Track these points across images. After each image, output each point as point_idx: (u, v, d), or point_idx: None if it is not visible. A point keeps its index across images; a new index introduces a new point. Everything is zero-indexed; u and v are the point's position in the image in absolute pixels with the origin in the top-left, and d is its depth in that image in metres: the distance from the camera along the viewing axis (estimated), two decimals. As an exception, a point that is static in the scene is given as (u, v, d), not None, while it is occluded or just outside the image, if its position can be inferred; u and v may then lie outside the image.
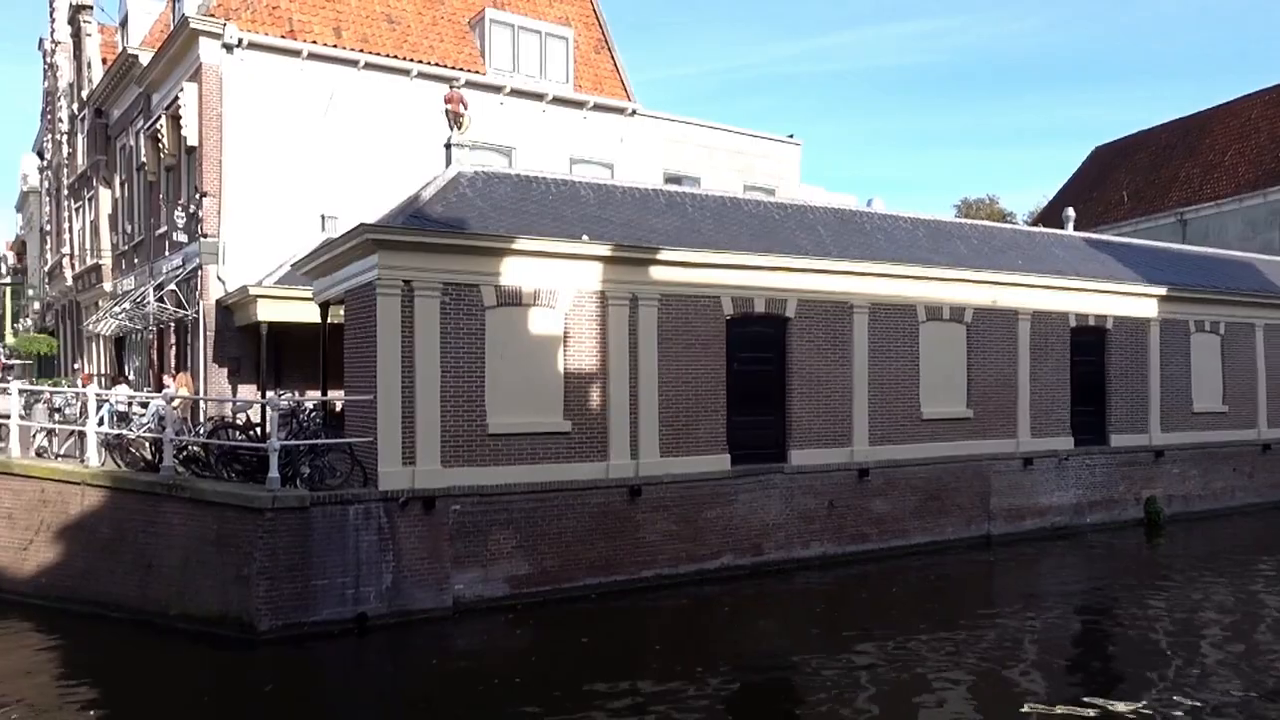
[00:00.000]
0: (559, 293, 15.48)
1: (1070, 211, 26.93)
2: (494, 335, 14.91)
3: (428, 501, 14.04)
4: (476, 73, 24.94)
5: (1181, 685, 11.27)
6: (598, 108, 26.82)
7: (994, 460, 20.07)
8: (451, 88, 18.53)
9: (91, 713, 10.47)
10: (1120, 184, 41.34)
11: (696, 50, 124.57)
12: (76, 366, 32.82)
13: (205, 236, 21.54)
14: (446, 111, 16.87)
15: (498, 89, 25.09)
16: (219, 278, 21.57)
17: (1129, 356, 22.36)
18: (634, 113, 27.58)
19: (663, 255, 16.22)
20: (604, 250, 15.69)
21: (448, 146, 16.87)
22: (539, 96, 25.78)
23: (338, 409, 16.57)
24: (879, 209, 22.38)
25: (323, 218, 21.93)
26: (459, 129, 16.92)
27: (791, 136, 31.60)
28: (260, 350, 20.66)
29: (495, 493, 14.60)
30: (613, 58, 28.31)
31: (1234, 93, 55.82)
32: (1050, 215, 39.33)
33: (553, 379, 15.45)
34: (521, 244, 15.03)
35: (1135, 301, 22.42)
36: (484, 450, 14.71)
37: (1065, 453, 21.13)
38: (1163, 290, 22.68)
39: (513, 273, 15.06)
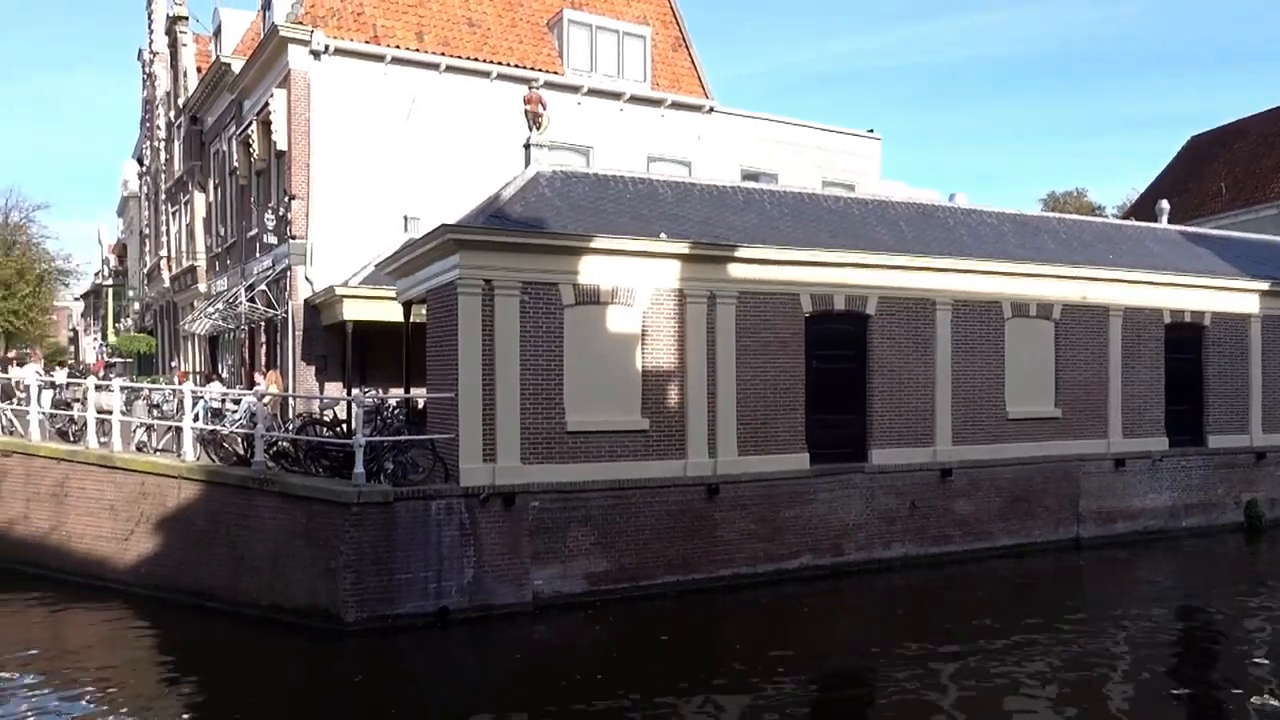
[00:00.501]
0: (637, 291, 15.52)
1: (1164, 204, 25.96)
2: (572, 333, 15.01)
3: (508, 498, 14.21)
4: (555, 73, 25.14)
5: (1287, 698, 10.78)
6: (675, 106, 26.81)
7: (1083, 461, 19.47)
8: (530, 88, 18.74)
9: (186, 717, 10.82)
10: (1218, 175, 39.67)
11: (774, 45, 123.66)
12: (173, 364, 34.09)
13: (294, 238, 22.16)
14: (525, 112, 17.05)
15: (575, 89, 25.25)
16: (307, 278, 22.17)
17: (1228, 354, 21.46)
18: (711, 110, 27.48)
19: (741, 253, 16.13)
20: (682, 248, 15.67)
21: (527, 147, 17.04)
22: (616, 95, 25.87)
23: (420, 406, 16.88)
24: (962, 204, 21.90)
25: (405, 219, 22.35)
26: (538, 129, 17.08)
27: (871, 131, 31.12)
28: (346, 348, 21.16)
29: (574, 490, 14.70)
30: (690, 55, 28.25)
31: (1342, 77, 53.08)
32: (1143, 208, 37.98)
33: (631, 377, 15.49)
34: (599, 243, 15.10)
35: (1235, 297, 21.49)
36: (563, 448, 14.83)
37: (1159, 454, 20.38)
38: (1265, 285, 21.71)
39: (591, 271, 15.14)
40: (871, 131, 31.09)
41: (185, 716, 10.46)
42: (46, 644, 13.56)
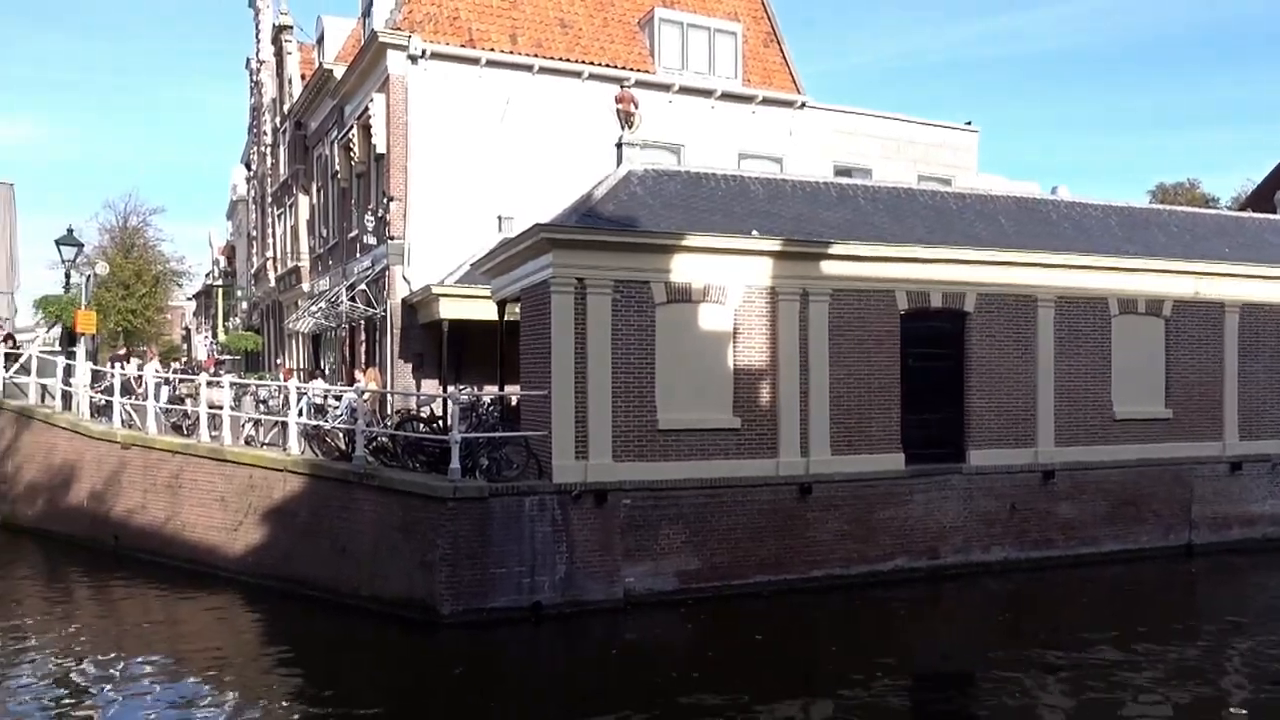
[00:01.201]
0: (729, 289, 15.45)
1: (1286, 194, 24.65)
2: (664, 332, 15.03)
3: (599, 495, 14.32)
4: (646, 72, 25.22)
5: None
6: (766, 102, 26.60)
7: (1196, 464, 18.63)
8: (622, 87, 18.84)
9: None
10: (1345, 163, 37.45)
11: (867, 38, 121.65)
12: (279, 361, 35.35)
13: (392, 239, 22.74)
14: (617, 111, 17.14)
15: (666, 87, 25.28)
16: (404, 278, 22.72)
17: (1357, 353, 20.23)
18: (803, 105, 27.19)
19: (834, 249, 15.91)
20: (774, 245, 15.54)
21: (619, 146, 17.12)
22: (707, 93, 25.80)
23: (514, 403, 17.13)
24: (1065, 197, 21.18)
25: (499, 218, 22.71)
26: (629, 128, 17.15)
27: (969, 124, 30.36)
28: (441, 346, 21.62)
29: (665, 488, 14.72)
30: (781, 50, 28.00)
31: None
32: (1260, 199, 36.10)
33: (722, 375, 15.43)
34: (691, 240, 15.08)
35: (1364, 292, 20.26)
36: (654, 446, 14.86)
37: (1279, 457, 19.37)
38: (1398, 279, 20.40)
39: (682, 269, 15.14)
40: (969, 124, 30.34)
41: (290, 702, 10.84)
42: (164, 628, 14.23)
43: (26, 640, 13.15)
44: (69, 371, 20.69)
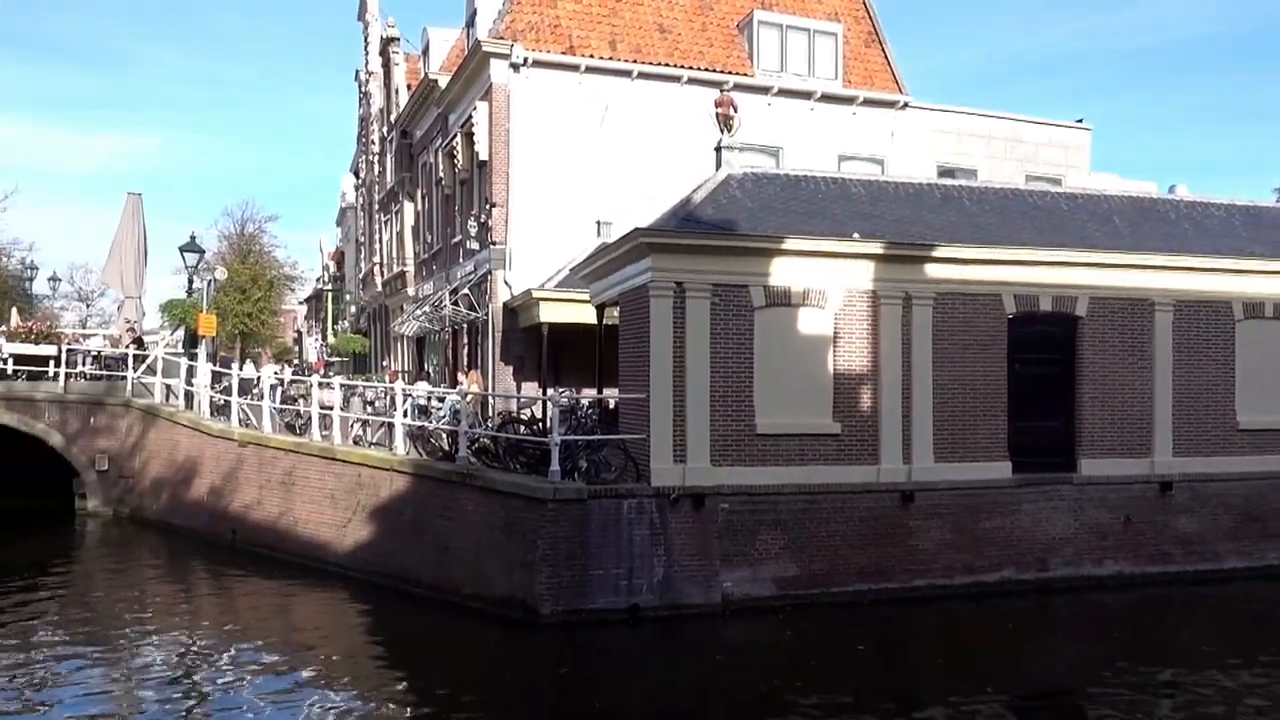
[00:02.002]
0: (829, 292, 15.27)
1: None
2: (763, 335, 14.94)
3: (697, 499, 14.31)
4: (744, 75, 25.12)
5: None
6: (867, 102, 26.20)
7: (1330, 478, 17.55)
8: (721, 91, 18.81)
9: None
10: None
11: (973, 35, 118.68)
12: (385, 364, 36.38)
13: (494, 244, 23.18)
14: (716, 115, 17.13)
15: (765, 90, 25.13)
16: (506, 282, 23.13)
17: None
18: (905, 105, 26.69)
19: (938, 252, 15.57)
20: (876, 248, 15.30)
21: (718, 149, 17.11)
22: (807, 95, 25.55)
23: (612, 406, 17.27)
24: (1184, 196, 20.26)
25: (598, 223, 22.91)
26: (728, 132, 17.12)
27: (1080, 121, 29.31)
28: (541, 349, 21.93)
29: (763, 493, 14.63)
30: (883, 50, 27.54)
31: None
32: (1403, 196, 33.85)
33: (822, 380, 15.26)
34: (790, 244, 14.97)
35: None
36: (753, 450, 14.78)
37: None
38: None
39: (782, 273, 15.03)
40: (1080, 121, 29.30)
41: (396, 698, 11.14)
42: (277, 620, 14.81)
43: (152, 628, 13.85)
44: (191, 372, 21.71)
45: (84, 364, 23.47)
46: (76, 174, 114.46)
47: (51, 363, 22.56)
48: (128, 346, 23.92)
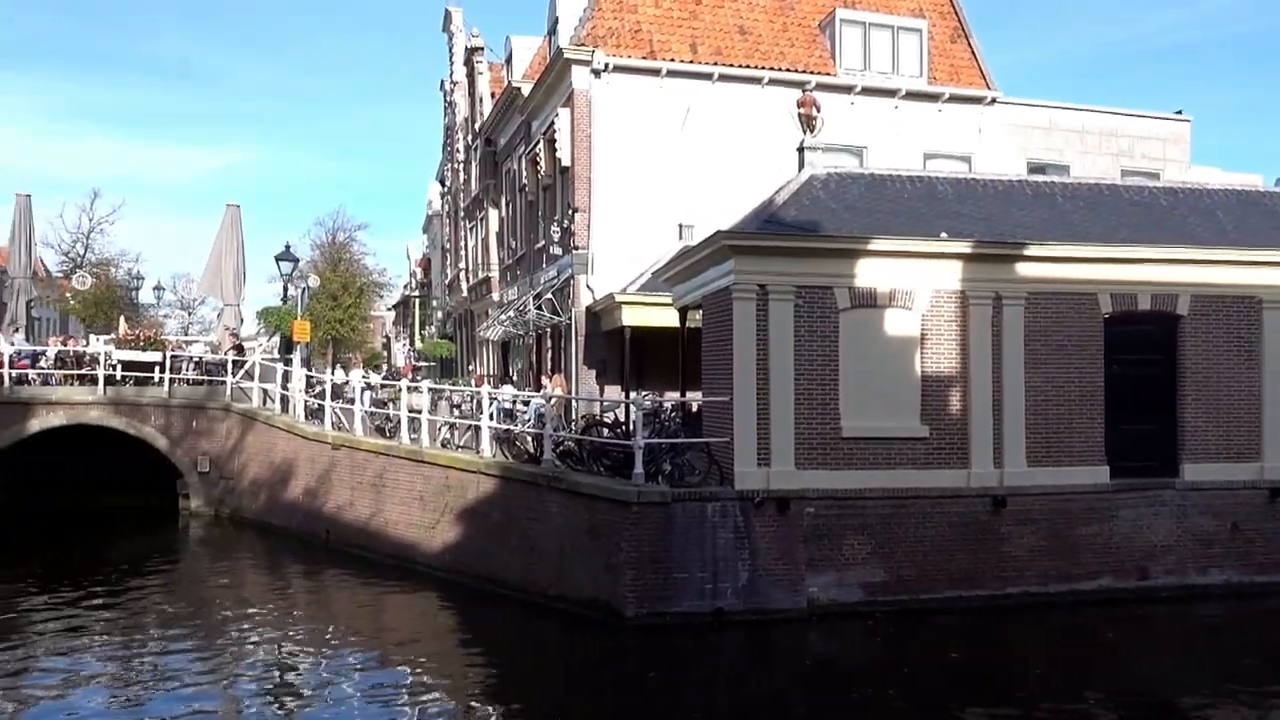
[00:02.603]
0: (916, 293, 15.00)
1: None
2: (848, 337, 14.75)
3: (782, 502, 14.19)
4: (827, 74, 24.87)
5: None
6: (954, 99, 25.68)
7: None
8: (803, 91, 18.66)
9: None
10: None
11: (1063, 27, 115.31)
12: (470, 368, 37.01)
13: (577, 249, 23.39)
14: (799, 115, 16.99)
15: (848, 89, 24.84)
16: (588, 286, 23.32)
17: None
18: (993, 101, 26.07)
19: (1030, 251, 15.17)
20: (964, 248, 14.98)
21: (800, 150, 16.96)
22: (891, 93, 25.17)
23: (694, 409, 17.25)
24: (1294, 188, 19.33)
25: (680, 226, 22.93)
26: (811, 132, 16.97)
27: (1179, 113, 28.21)
28: (624, 353, 22.04)
29: (849, 497, 14.44)
30: (969, 45, 26.95)
31: None
32: None
33: (909, 382, 14.99)
34: (876, 244, 14.76)
35: None
36: (838, 453, 14.60)
37: None
38: None
39: (867, 274, 14.82)
40: (1179, 113, 28.20)
41: (485, 697, 11.31)
42: (368, 619, 15.19)
43: (252, 623, 14.35)
44: (286, 377, 22.42)
45: (187, 370, 24.44)
46: (179, 187, 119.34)
47: (157, 369, 23.54)
48: (228, 352, 24.82)
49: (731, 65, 24.28)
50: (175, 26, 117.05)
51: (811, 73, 24.67)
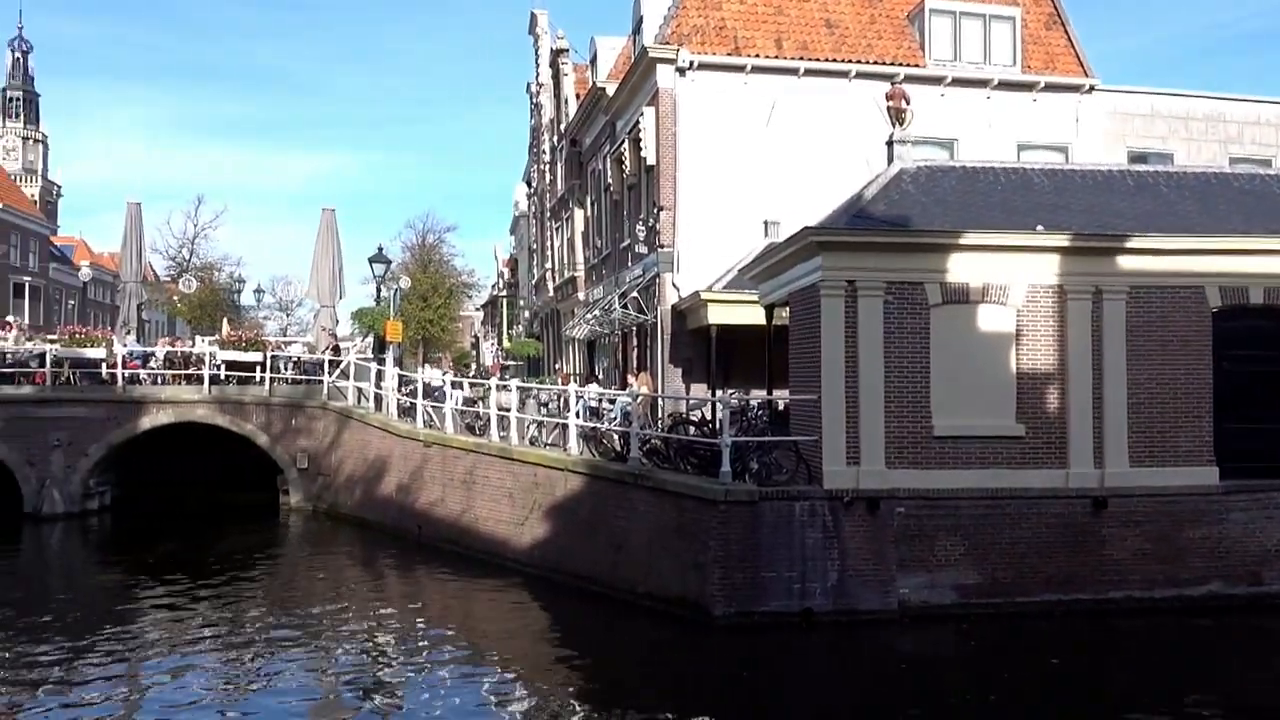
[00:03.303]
0: (1010, 288, 14.60)
1: None
2: (939, 334, 14.44)
3: (871, 502, 13.98)
4: (915, 66, 24.38)
5: None
6: (1049, 88, 24.91)
7: None
8: (892, 84, 18.32)
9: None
10: None
11: (1165, 10, 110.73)
12: (557, 367, 37.38)
13: (662, 247, 23.42)
14: (888, 108, 16.70)
15: (938, 80, 24.31)
16: (674, 285, 23.33)
17: None
18: (1091, 89, 25.20)
19: (1132, 243, 14.62)
20: (1061, 241, 14.52)
21: (889, 144, 16.67)
22: (982, 83, 24.55)
23: (781, 408, 17.10)
24: None
25: (766, 223, 22.76)
26: (900, 125, 16.65)
27: (1293, 96, 26.84)
28: (709, 351, 21.98)
29: (941, 496, 14.13)
30: (1066, 32, 26.12)
31: None
32: None
33: (1003, 379, 14.60)
34: (968, 239, 14.41)
35: None
36: (929, 452, 14.32)
37: None
38: None
39: (959, 269, 14.49)
40: (1293, 96, 26.82)
41: (575, 693, 11.40)
42: (459, 613, 15.47)
43: (348, 614, 14.76)
44: (380, 376, 22.99)
45: (286, 369, 25.28)
46: (277, 193, 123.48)
47: (258, 369, 24.40)
48: (324, 352, 25.58)
49: (817, 59, 24.00)
50: (271, 39, 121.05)
51: (900, 65, 24.22)
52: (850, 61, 24.11)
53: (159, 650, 12.89)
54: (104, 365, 24.19)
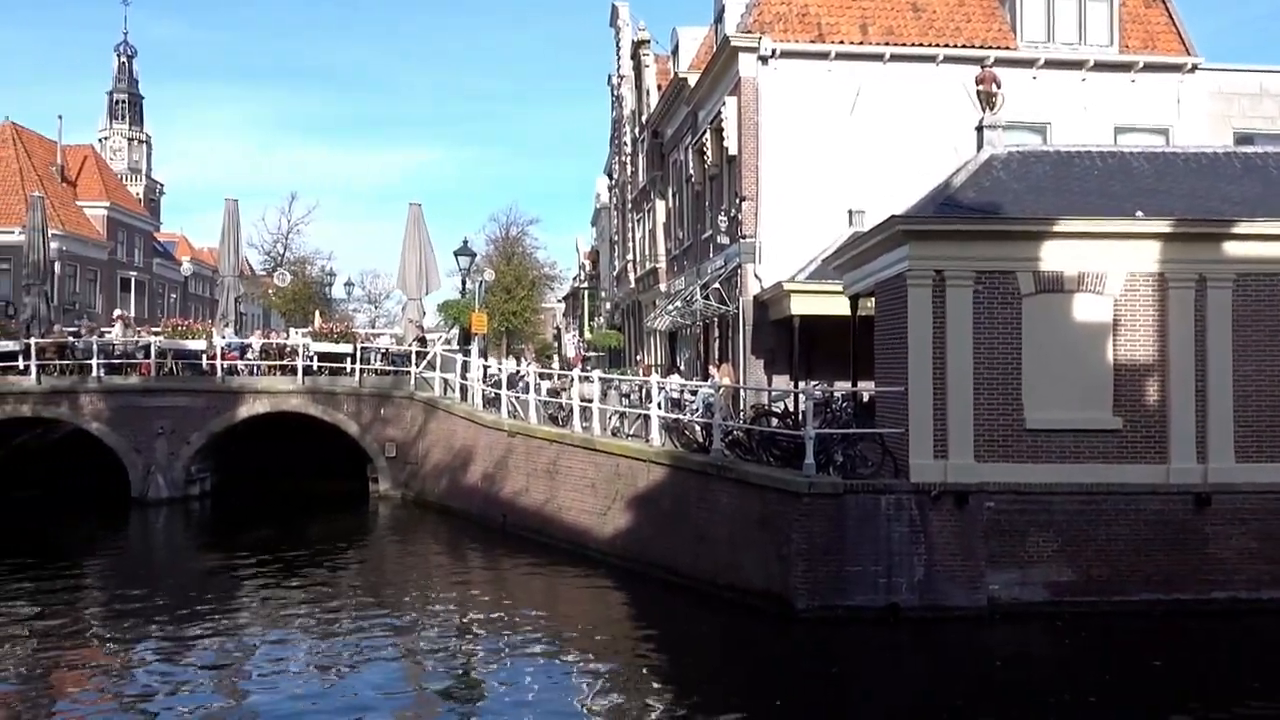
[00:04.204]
0: (1107, 276, 14.08)
1: None
2: (1031, 324, 14.02)
3: (960, 496, 13.66)
4: (1006, 48, 23.70)
5: None
6: (1148, 68, 23.96)
7: None
8: (982, 67, 17.84)
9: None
10: None
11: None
12: (638, 358, 37.49)
13: (744, 238, 23.26)
14: (978, 92, 16.29)
15: (1030, 63, 23.59)
16: (756, 275, 23.16)
17: None
18: (1194, 68, 24.15)
19: (1239, 228, 13.96)
20: (1162, 227, 13.95)
21: (979, 129, 16.24)
22: (1077, 65, 23.73)
23: (866, 400, 16.83)
24: None
25: (850, 212, 22.43)
26: (991, 109, 16.20)
27: None
28: (792, 342, 21.77)
29: (1033, 491, 13.73)
30: (1166, 9, 25.06)
31: None
32: None
33: (1099, 371, 14.11)
34: (1063, 226, 13.96)
35: None
36: (1021, 446, 13.92)
37: None
38: None
39: (1053, 257, 14.03)
40: None
41: (657, 681, 11.44)
42: (543, 601, 15.66)
43: (434, 600, 15.10)
44: (465, 367, 23.37)
45: (375, 361, 25.88)
46: (365, 188, 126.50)
47: (348, 360, 25.04)
48: (411, 344, 26.11)
49: (904, 44, 23.51)
50: (357, 40, 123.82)
51: (990, 47, 23.57)
52: (938, 45, 23.56)
53: (257, 628, 13.47)
54: (204, 356, 25.14)
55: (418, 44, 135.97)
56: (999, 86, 16.36)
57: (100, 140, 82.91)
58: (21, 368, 24.40)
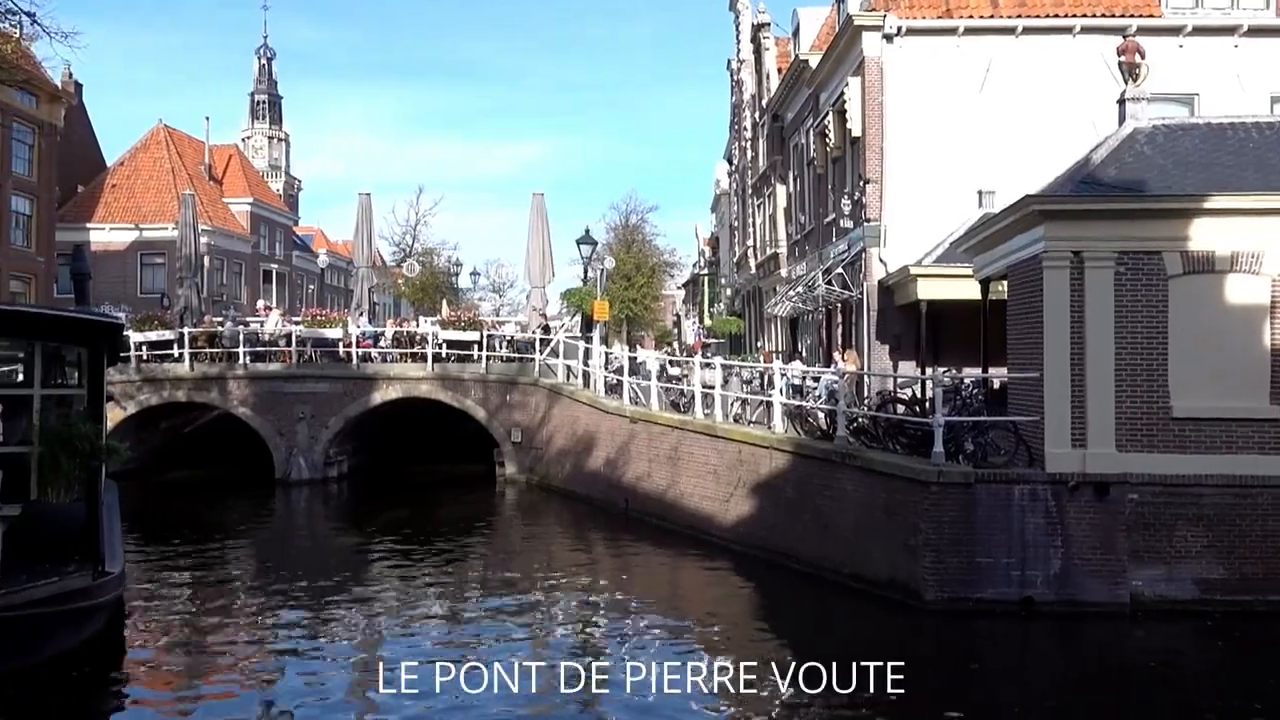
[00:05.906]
0: (1265, 256, 13.19)
1: None
2: (1179, 307, 13.26)
3: (1100, 487, 13.07)
4: (1150, 16, 22.41)
5: None
6: (1312, 31, 22.26)
7: None
8: (1124, 37, 16.94)
9: None
10: None
11: None
12: (759, 344, 37.24)
13: (868, 221, 22.78)
14: (1120, 64, 15.49)
15: (1176, 30, 22.25)
16: (881, 259, 22.65)
17: None
18: (1365, 29, 22.32)
19: None
20: (1329, 201, 12.99)
21: (1120, 103, 15.46)
22: (1229, 30, 22.26)
23: (997, 386, 16.29)
24: None
25: (980, 193, 21.65)
26: (1134, 81, 15.40)
27: None
28: (919, 327, 21.22)
29: (1181, 483, 13.03)
30: (1333, -34, 23.21)
31: None
32: None
33: (1256, 357, 13.24)
34: (1214, 202, 13.15)
35: None
36: (1167, 435, 13.21)
37: None
38: None
39: (1203, 236, 13.24)
40: None
41: (780, 669, 11.33)
42: (665, 587, 15.79)
43: (559, 582, 15.38)
44: (587, 354, 23.69)
45: (500, 348, 26.53)
46: (489, 179, 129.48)
47: (475, 347, 25.74)
48: (535, 331, 26.63)
49: (1038, 16, 22.52)
50: (478, 35, 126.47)
51: (1132, 16, 22.32)
52: (1075, 15, 22.47)
53: (391, 605, 14.03)
54: (340, 345, 26.27)
55: (538, 37, 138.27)
56: (1143, 57, 15.54)
57: (243, 139, 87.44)
58: (175, 356, 26.02)
